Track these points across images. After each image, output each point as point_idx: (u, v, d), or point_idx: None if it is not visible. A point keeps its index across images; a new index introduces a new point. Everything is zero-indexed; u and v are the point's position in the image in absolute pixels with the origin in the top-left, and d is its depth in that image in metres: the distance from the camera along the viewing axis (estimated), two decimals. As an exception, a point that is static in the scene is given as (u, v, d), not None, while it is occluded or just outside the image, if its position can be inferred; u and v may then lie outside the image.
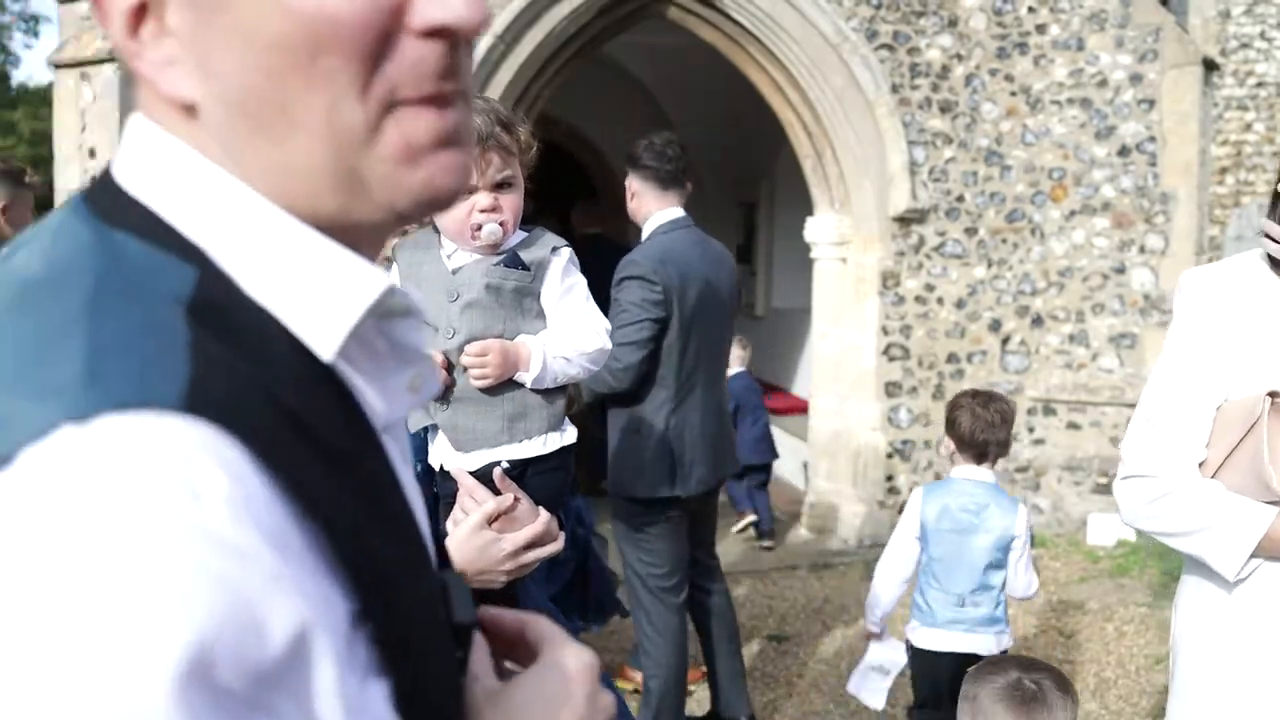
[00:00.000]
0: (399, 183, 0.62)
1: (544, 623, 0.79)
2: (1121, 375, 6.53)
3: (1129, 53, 6.41)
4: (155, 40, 0.60)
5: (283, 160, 0.60)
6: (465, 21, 0.60)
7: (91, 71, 5.02)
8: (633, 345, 3.51)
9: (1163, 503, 1.76)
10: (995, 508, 3.21)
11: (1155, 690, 4.47)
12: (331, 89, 0.58)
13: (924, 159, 6.43)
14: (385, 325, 0.64)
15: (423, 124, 0.61)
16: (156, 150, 0.62)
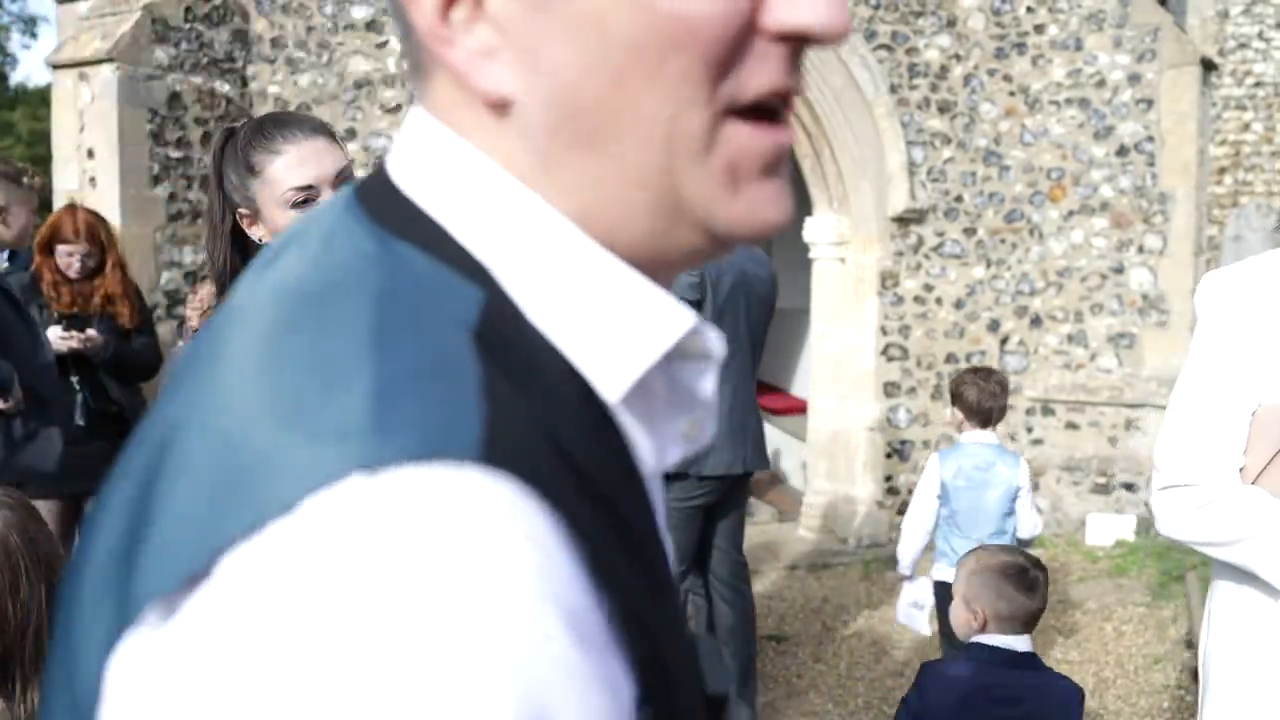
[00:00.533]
0: (719, 207, 0.55)
1: None
2: (1120, 375, 6.53)
3: (1127, 53, 6.42)
4: (469, 26, 0.53)
5: (600, 172, 0.54)
6: (827, 27, 0.53)
7: (90, 72, 5.02)
8: None
9: (1205, 512, 1.72)
10: (1001, 464, 3.80)
11: (1153, 690, 4.47)
12: (677, 96, 0.52)
13: (923, 159, 6.43)
14: (672, 366, 0.57)
15: (752, 146, 0.55)
16: (446, 154, 0.55)
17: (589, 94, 0.52)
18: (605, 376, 0.53)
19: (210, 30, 5.38)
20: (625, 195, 0.54)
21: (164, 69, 5.14)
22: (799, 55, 0.55)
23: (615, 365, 0.53)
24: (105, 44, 4.99)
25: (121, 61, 4.96)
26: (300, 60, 5.66)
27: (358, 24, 5.71)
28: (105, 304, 4.09)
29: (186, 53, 5.25)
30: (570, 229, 0.54)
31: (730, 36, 0.52)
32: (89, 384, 4.07)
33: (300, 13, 5.65)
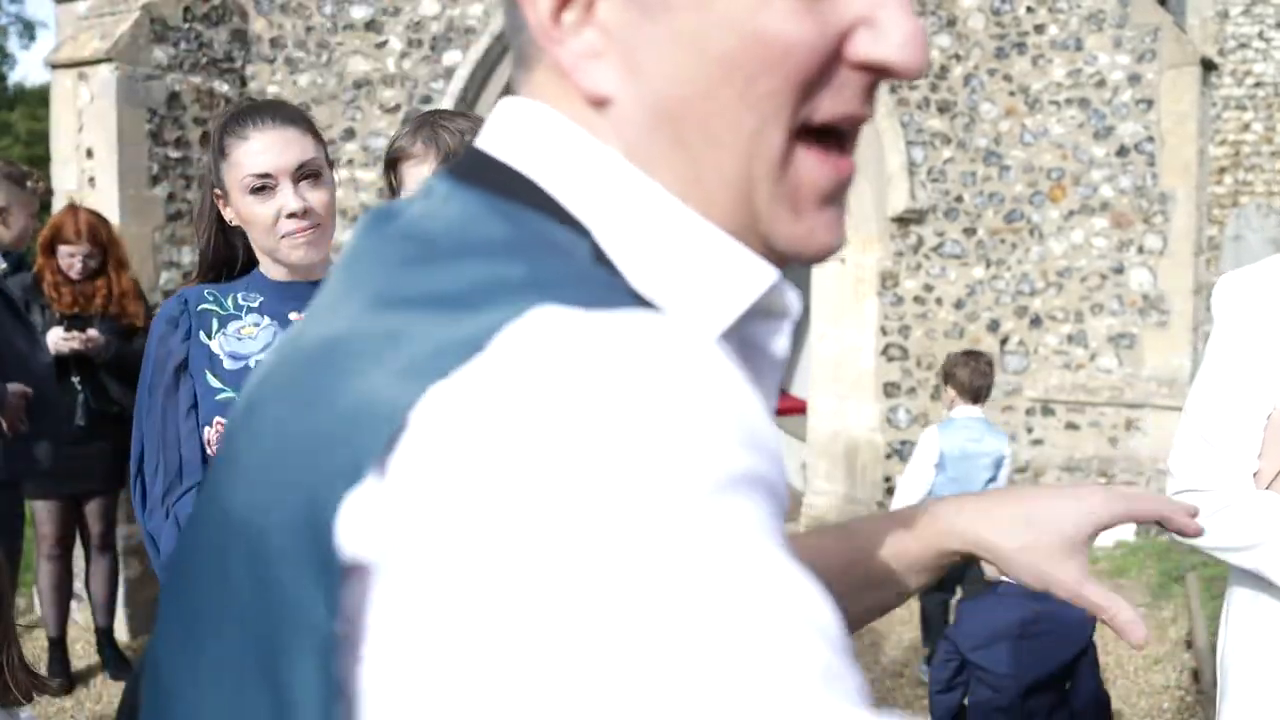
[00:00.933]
0: (782, 226, 0.59)
1: None
2: (1120, 375, 6.53)
3: (1127, 53, 6.41)
4: (578, 29, 0.58)
5: (690, 172, 0.58)
6: (906, 64, 0.57)
7: (89, 72, 5.01)
8: None
9: (1220, 517, 1.71)
10: (989, 435, 4.38)
11: (1153, 690, 4.47)
12: (763, 111, 0.56)
13: (922, 159, 6.43)
14: (745, 325, 0.60)
15: (816, 177, 0.59)
16: (547, 130, 0.60)
17: (684, 101, 0.56)
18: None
19: (209, 30, 5.37)
20: (711, 194, 0.58)
21: (163, 69, 5.13)
22: (876, 86, 0.59)
23: (702, 315, 0.57)
24: (104, 44, 4.98)
25: (120, 61, 4.95)
26: (299, 60, 5.65)
27: (357, 24, 5.71)
28: (106, 304, 4.09)
29: (185, 52, 5.24)
30: (660, 193, 0.58)
31: (819, 63, 0.56)
32: (90, 384, 4.07)
33: (299, 12, 5.64)
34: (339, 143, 5.70)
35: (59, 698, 4.19)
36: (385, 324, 0.51)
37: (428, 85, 5.75)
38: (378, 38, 5.71)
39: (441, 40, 5.77)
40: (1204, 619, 4.88)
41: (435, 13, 5.76)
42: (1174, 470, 1.79)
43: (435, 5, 5.75)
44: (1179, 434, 1.80)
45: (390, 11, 5.71)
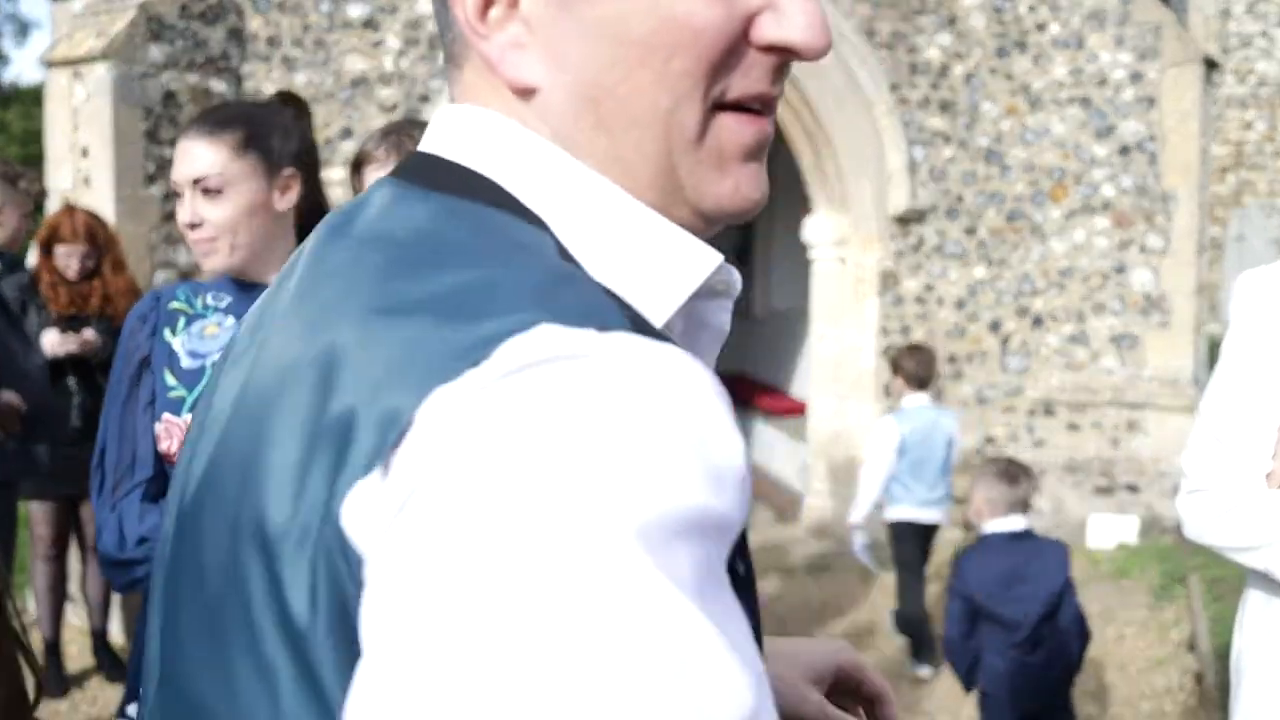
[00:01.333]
0: (708, 187, 0.64)
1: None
2: (1122, 376, 6.50)
3: (1129, 51, 6.38)
4: (502, 23, 0.62)
5: (612, 151, 0.63)
6: (807, 45, 0.62)
7: (84, 70, 4.99)
8: None
9: (1228, 517, 1.71)
10: (940, 419, 4.75)
11: (1155, 693, 4.44)
12: (678, 91, 0.61)
13: (923, 158, 6.40)
14: (693, 304, 0.65)
15: (738, 135, 0.64)
16: (491, 130, 0.64)
17: (605, 86, 0.61)
18: (648, 309, 0.61)
19: (205, 28, 5.34)
20: (633, 171, 0.63)
21: (159, 67, 5.11)
22: (784, 67, 0.64)
23: (655, 298, 0.62)
24: (100, 42, 4.96)
25: (116, 60, 4.92)
26: (296, 59, 5.62)
27: (354, 22, 5.68)
28: (103, 304, 4.07)
29: (181, 51, 5.22)
30: (607, 185, 0.63)
31: (727, 44, 0.61)
32: (85, 386, 4.04)
33: (296, 11, 5.61)
34: (335, 141, 5.67)
35: (54, 700, 4.16)
36: (386, 331, 0.54)
37: (425, 84, 5.72)
38: (375, 36, 5.68)
39: (439, 39, 5.74)
40: (1206, 621, 4.86)
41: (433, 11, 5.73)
42: (1186, 469, 1.79)
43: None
44: (1193, 433, 1.80)
45: (387, 10, 5.68)
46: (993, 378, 6.59)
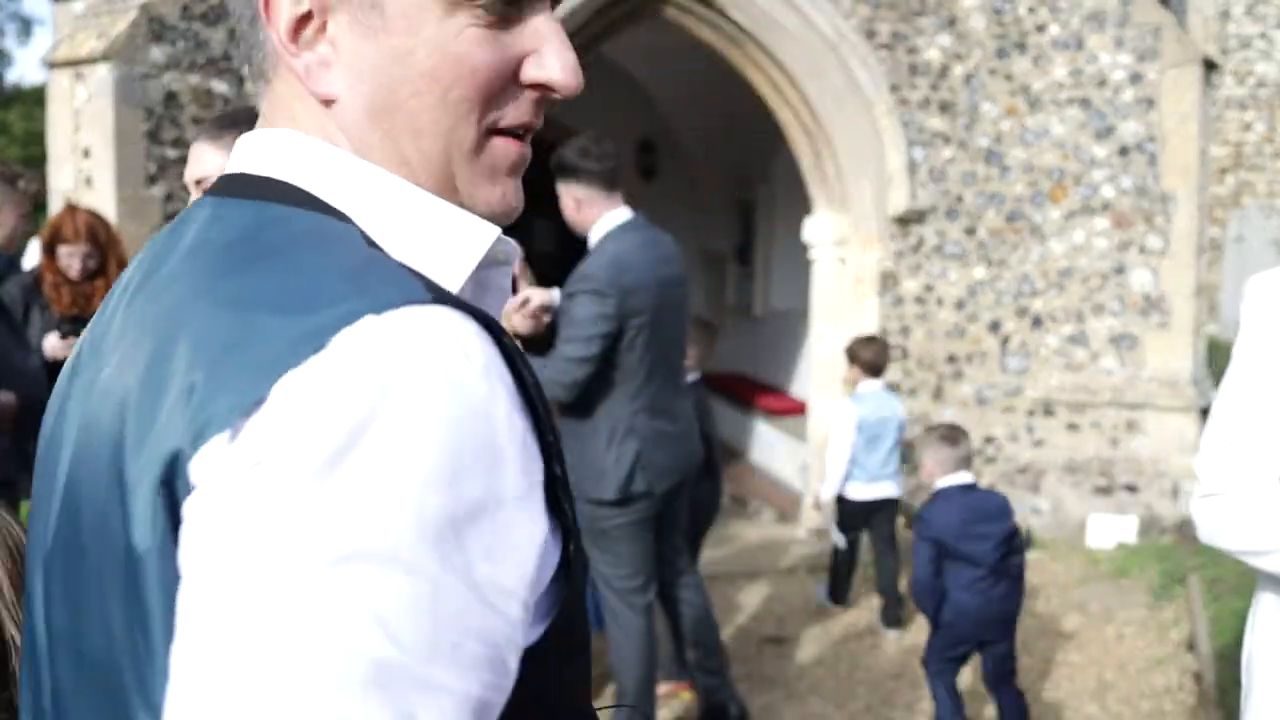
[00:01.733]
0: (480, 194, 0.79)
1: None
2: (1121, 376, 6.51)
3: (1129, 52, 6.39)
4: (312, 44, 0.75)
5: (400, 155, 0.76)
6: (564, 84, 0.78)
7: (86, 71, 5.00)
8: (580, 361, 3.49)
9: (1242, 521, 1.71)
10: (891, 400, 5.41)
11: (1155, 692, 4.45)
12: (456, 114, 0.75)
13: (923, 159, 6.41)
14: (480, 272, 0.79)
15: (507, 154, 0.79)
16: (291, 145, 0.77)
17: (394, 103, 0.75)
18: (443, 279, 0.74)
19: (207, 29, 5.35)
20: (417, 175, 0.77)
21: (160, 68, 5.12)
22: (544, 101, 0.80)
23: (449, 269, 0.75)
24: (101, 43, 4.97)
25: (117, 61, 4.93)
26: (298, 59, 5.64)
27: (356, 23, 5.69)
28: None
29: (183, 52, 5.23)
30: (399, 181, 0.76)
31: (499, 81, 0.76)
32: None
33: (298, 12, 5.63)
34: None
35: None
36: (230, 319, 0.65)
37: (426, 85, 5.74)
38: (376, 37, 5.70)
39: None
40: (1205, 621, 4.87)
41: (434, 12, 5.75)
42: (1200, 473, 1.78)
43: (434, 4, 5.75)
44: (1205, 436, 1.79)
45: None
46: (992, 378, 6.60)
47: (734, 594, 5.72)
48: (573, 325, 3.51)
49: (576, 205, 3.70)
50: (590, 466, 3.61)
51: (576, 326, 3.51)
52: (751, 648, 4.95)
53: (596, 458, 3.60)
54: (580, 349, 3.50)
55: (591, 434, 3.62)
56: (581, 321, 3.51)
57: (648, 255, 3.69)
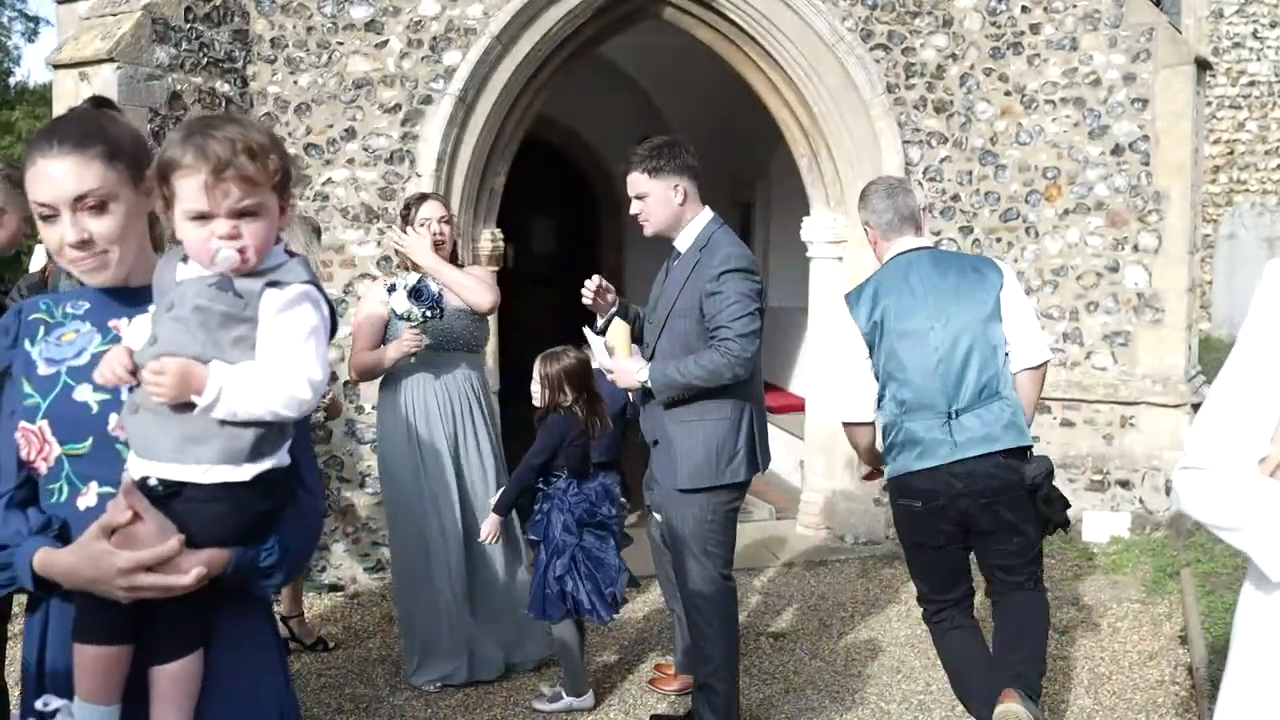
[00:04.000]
0: None
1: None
2: (1115, 373, 6.57)
3: (1122, 52, 6.45)
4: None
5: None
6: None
7: (90, 71, 5.04)
8: (752, 335, 3.64)
9: (1217, 495, 1.74)
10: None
11: (1148, 685, 4.51)
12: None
13: (919, 158, 6.46)
14: None
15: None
16: None
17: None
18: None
19: (210, 30, 5.40)
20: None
21: (164, 69, 5.16)
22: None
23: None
24: (106, 44, 5.01)
25: (122, 61, 4.98)
26: (300, 60, 5.68)
27: (357, 24, 5.73)
28: None
29: (187, 52, 5.27)
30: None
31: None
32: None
33: (300, 13, 5.66)
34: (340, 142, 5.72)
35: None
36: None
37: (428, 85, 5.78)
38: (378, 38, 5.74)
39: (441, 40, 5.79)
40: (1198, 615, 4.93)
41: (435, 13, 5.78)
42: (1185, 445, 1.82)
43: (435, 5, 5.78)
44: (1200, 411, 1.83)
45: (390, 12, 5.73)
46: (988, 375, 6.65)
47: (733, 589, 5.76)
48: (735, 303, 3.63)
49: (683, 198, 3.83)
50: (717, 452, 3.72)
51: (739, 303, 3.63)
52: (750, 642, 5.00)
53: (723, 442, 3.72)
54: (750, 324, 3.64)
55: (722, 416, 3.73)
56: (743, 298, 3.64)
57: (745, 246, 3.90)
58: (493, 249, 6.14)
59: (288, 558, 1.76)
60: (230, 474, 1.66)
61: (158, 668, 1.69)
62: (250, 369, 1.65)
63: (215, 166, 1.63)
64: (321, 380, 1.69)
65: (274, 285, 1.68)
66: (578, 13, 5.97)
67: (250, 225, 1.67)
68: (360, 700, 4.47)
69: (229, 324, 1.66)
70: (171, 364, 1.62)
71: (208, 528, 1.67)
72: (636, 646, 5.02)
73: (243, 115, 1.69)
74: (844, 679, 4.65)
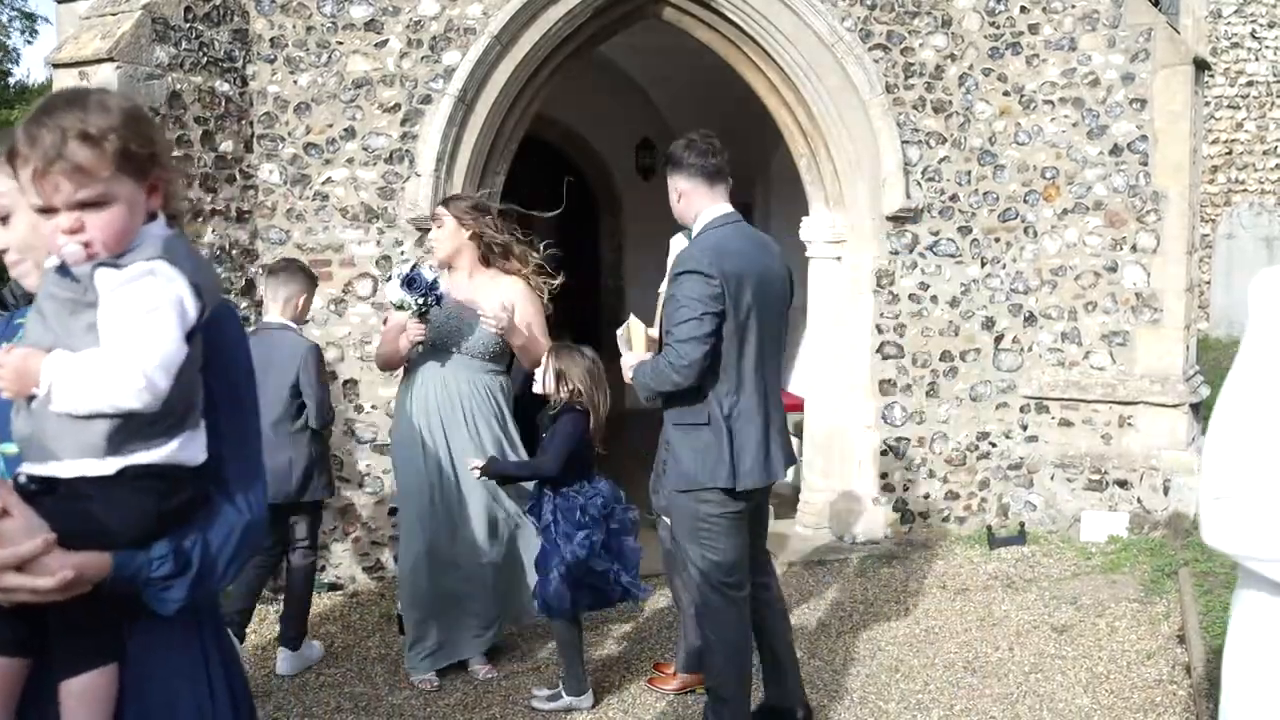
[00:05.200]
0: None
1: None
2: (1113, 373, 6.58)
3: (1121, 52, 6.46)
4: None
5: None
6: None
7: (90, 71, 5.04)
8: (694, 340, 3.54)
9: (1255, 526, 1.64)
10: None
11: (1146, 685, 4.52)
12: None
13: (918, 158, 6.47)
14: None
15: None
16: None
17: None
18: None
19: (210, 30, 5.40)
20: None
21: (164, 68, 5.16)
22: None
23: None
24: (105, 43, 5.01)
25: (122, 61, 4.98)
26: (300, 60, 5.68)
27: (357, 23, 5.74)
28: None
29: (186, 52, 5.27)
30: None
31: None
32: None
33: (299, 12, 5.67)
34: (340, 142, 5.73)
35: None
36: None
37: (427, 85, 5.78)
38: (378, 37, 5.74)
39: (441, 40, 5.80)
40: (1196, 614, 4.94)
41: (435, 12, 5.79)
42: (1210, 472, 1.70)
43: (435, 5, 5.79)
44: (1211, 433, 1.72)
45: (390, 11, 5.74)
46: (986, 375, 6.67)
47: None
48: (682, 306, 3.56)
49: (679, 197, 3.79)
50: (700, 455, 3.65)
51: (686, 307, 3.55)
52: (749, 641, 5.01)
53: (706, 445, 3.64)
54: (693, 328, 3.53)
55: (700, 422, 3.66)
56: (690, 301, 3.55)
57: (747, 245, 3.73)
58: (492, 248, 6.15)
59: (188, 569, 1.59)
60: (91, 467, 1.54)
61: (63, 683, 1.55)
62: (85, 358, 1.53)
63: (44, 158, 1.50)
64: (160, 365, 1.52)
65: (107, 265, 1.55)
66: (577, 12, 5.97)
67: (97, 216, 1.54)
68: (360, 699, 4.48)
69: (77, 311, 1.55)
70: (11, 356, 1.54)
71: (80, 527, 1.53)
72: (636, 645, 5.03)
73: (101, 91, 1.44)
74: (842, 678, 4.66)
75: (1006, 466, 6.72)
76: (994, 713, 4.32)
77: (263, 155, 5.62)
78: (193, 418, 1.61)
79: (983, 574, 5.99)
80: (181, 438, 1.59)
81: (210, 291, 1.64)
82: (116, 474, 1.55)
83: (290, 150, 5.68)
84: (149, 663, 1.62)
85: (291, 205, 5.70)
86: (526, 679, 4.63)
